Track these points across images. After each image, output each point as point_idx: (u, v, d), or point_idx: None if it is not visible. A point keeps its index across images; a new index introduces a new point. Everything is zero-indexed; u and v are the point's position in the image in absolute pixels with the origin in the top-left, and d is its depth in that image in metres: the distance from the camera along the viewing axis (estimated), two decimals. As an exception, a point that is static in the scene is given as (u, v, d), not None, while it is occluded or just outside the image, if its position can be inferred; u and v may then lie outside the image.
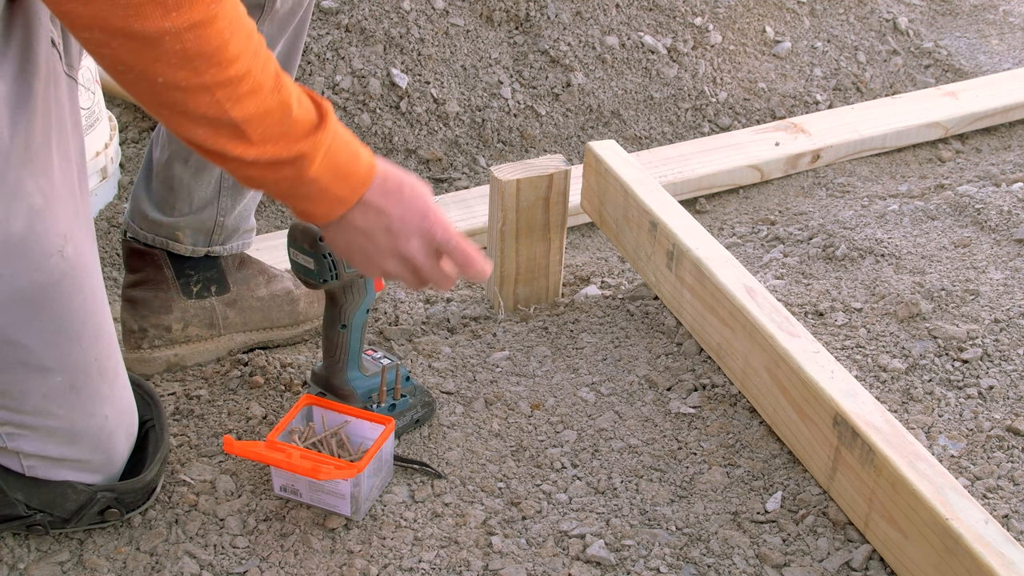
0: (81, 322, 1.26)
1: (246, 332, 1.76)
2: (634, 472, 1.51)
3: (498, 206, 1.82)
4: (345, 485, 1.38)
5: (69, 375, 1.27)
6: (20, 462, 1.32)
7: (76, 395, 1.29)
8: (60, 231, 1.20)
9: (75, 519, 1.36)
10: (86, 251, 1.26)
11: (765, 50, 2.86)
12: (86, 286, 1.26)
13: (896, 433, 1.32)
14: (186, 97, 1.06)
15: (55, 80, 1.22)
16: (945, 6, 3.37)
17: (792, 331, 1.48)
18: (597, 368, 1.72)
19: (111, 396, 1.34)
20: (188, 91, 1.05)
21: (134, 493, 1.38)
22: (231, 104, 1.07)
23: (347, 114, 2.45)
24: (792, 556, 1.36)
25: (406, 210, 1.23)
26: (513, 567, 1.35)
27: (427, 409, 1.60)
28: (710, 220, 2.37)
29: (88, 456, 1.34)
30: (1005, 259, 1.93)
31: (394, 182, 1.23)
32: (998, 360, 1.65)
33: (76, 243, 1.23)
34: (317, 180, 1.16)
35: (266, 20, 1.49)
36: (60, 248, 1.20)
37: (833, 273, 1.94)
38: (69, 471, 1.34)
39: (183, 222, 1.66)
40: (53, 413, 1.28)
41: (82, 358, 1.28)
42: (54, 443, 1.31)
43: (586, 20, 2.68)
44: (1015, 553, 1.16)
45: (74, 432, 1.31)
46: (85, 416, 1.31)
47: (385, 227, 1.23)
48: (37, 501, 1.33)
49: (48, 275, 1.20)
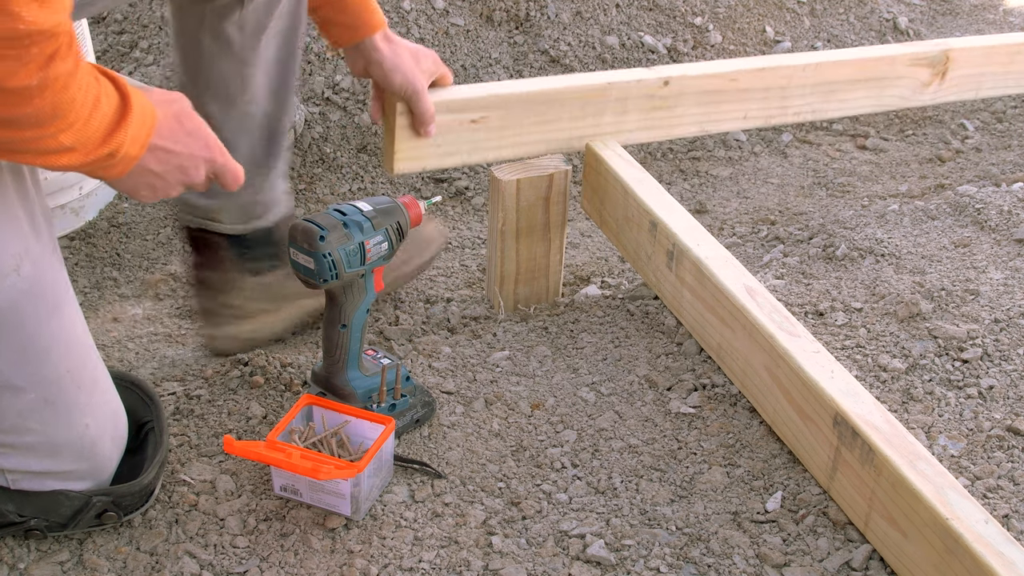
0: (48, 338, 1.25)
1: (314, 297, 1.79)
2: (634, 472, 1.51)
3: (498, 206, 1.82)
4: (345, 485, 1.38)
5: (41, 391, 1.26)
6: (4, 476, 1.32)
7: (52, 409, 1.28)
8: (12, 251, 1.19)
9: (72, 524, 1.35)
10: (45, 265, 1.24)
11: (765, 50, 2.86)
12: (49, 302, 1.25)
13: (896, 433, 1.32)
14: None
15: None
16: (945, 6, 3.37)
17: (792, 331, 1.48)
18: (597, 368, 1.72)
19: (91, 405, 1.33)
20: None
21: (131, 496, 1.38)
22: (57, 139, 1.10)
23: (347, 114, 2.45)
24: (792, 556, 1.36)
25: (191, 144, 1.29)
26: (513, 567, 1.35)
27: (427, 409, 1.60)
28: (710, 220, 2.37)
29: (72, 467, 1.33)
30: (1005, 259, 1.93)
31: (171, 118, 1.28)
32: (998, 360, 1.65)
33: (34, 259, 1.22)
34: (123, 155, 1.19)
35: (248, 6, 1.57)
36: (15, 267, 1.19)
37: (833, 273, 1.94)
38: (55, 482, 1.33)
39: (218, 204, 1.71)
40: (30, 429, 1.28)
41: (53, 373, 1.27)
42: (35, 458, 1.31)
43: (586, 20, 2.68)
44: (1015, 553, 1.16)
45: (54, 445, 1.31)
46: (64, 428, 1.30)
47: (177, 166, 1.28)
48: (29, 510, 1.33)
49: (4, 296, 1.19)
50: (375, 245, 1.48)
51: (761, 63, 2.06)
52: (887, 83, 2.20)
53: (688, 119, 2.01)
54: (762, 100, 2.07)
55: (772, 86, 2.06)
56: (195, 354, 1.86)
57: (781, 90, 2.08)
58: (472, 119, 1.80)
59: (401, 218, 1.53)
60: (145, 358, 1.86)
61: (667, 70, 1.96)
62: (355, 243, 1.45)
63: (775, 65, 2.05)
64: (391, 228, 1.50)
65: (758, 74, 2.03)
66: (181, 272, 2.12)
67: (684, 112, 1.99)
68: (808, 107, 2.13)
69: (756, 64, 2.05)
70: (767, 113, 2.09)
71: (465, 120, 1.79)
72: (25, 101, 1.03)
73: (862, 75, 2.16)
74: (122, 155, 1.18)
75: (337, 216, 1.46)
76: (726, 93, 2.02)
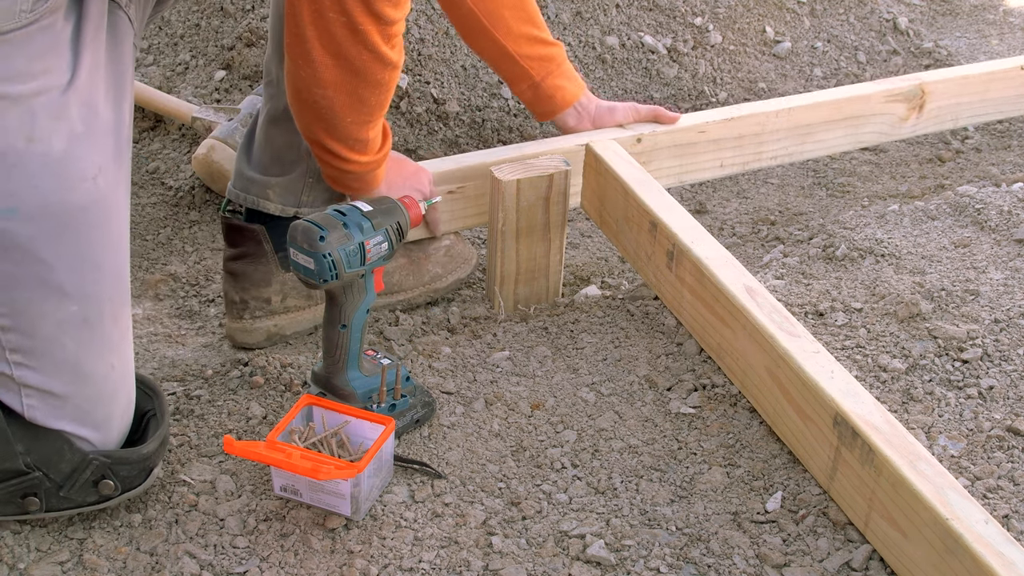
0: (102, 254, 1.31)
1: None
2: (634, 472, 1.51)
3: (498, 206, 1.82)
4: (345, 485, 1.38)
5: (83, 306, 1.30)
6: (22, 399, 1.32)
7: (88, 330, 1.32)
8: (96, 161, 1.28)
9: (68, 484, 1.35)
10: (119, 189, 1.33)
11: (765, 50, 2.87)
12: (113, 221, 1.32)
13: (896, 433, 1.32)
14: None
15: (116, 33, 1.33)
16: (945, 6, 3.37)
17: (792, 331, 1.48)
18: (597, 368, 1.72)
19: (120, 348, 1.37)
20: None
21: (130, 465, 1.38)
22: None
23: (347, 114, 2.45)
24: (792, 556, 1.36)
25: (411, 180, 1.79)
26: (513, 567, 1.35)
27: (427, 409, 1.60)
28: (710, 220, 2.37)
29: (89, 404, 1.35)
30: (1005, 259, 1.93)
31: (395, 160, 1.77)
32: (998, 360, 1.65)
33: (109, 177, 1.30)
34: (378, 175, 1.69)
35: None
36: (94, 176, 1.28)
37: (833, 273, 1.94)
38: (68, 420, 1.34)
39: (275, 181, 1.76)
40: (64, 343, 1.31)
41: (98, 292, 1.32)
42: (59, 379, 1.32)
43: (586, 20, 2.68)
44: (1015, 553, 1.16)
45: (80, 371, 1.33)
46: (93, 357, 1.34)
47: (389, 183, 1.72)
48: (36, 455, 1.34)
49: (79, 197, 1.27)
50: (375, 245, 1.48)
51: (730, 112, 2.09)
52: (863, 121, 2.23)
53: (665, 172, 2.05)
54: (735, 148, 2.10)
55: (745, 134, 2.10)
56: (195, 354, 1.86)
57: (755, 136, 2.11)
58: (450, 190, 1.89)
59: (401, 218, 1.53)
60: (145, 358, 1.86)
61: (639, 128, 2.01)
62: (355, 243, 1.45)
63: (745, 114, 2.09)
64: (391, 228, 1.50)
65: (727, 124, 2.07)
66: (181, 272, 2.12)
67: (660, 166, 2.04)
68: (784, 150, 2.17)
69: (725, 114, 2.08)
70: (743, 159, 2.12)
71: (443, 191, 1.88)
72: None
73: (837, 115, 2.19)
74: (384, 166, 1.68)
75: (337, 216, 1.46)
76: (699, 144, 2.07)
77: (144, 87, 2.49)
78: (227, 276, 1.82)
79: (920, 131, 2.33)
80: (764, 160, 2.16)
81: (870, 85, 2.26)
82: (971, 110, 2.39)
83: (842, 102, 2.19)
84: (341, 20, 1.44)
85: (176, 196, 2.36)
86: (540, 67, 1.93)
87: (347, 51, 1.48)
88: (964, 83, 2.33)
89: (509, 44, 1.90)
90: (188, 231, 2.27)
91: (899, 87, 2.25)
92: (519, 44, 1.90)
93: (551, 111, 1.99)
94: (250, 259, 1.81)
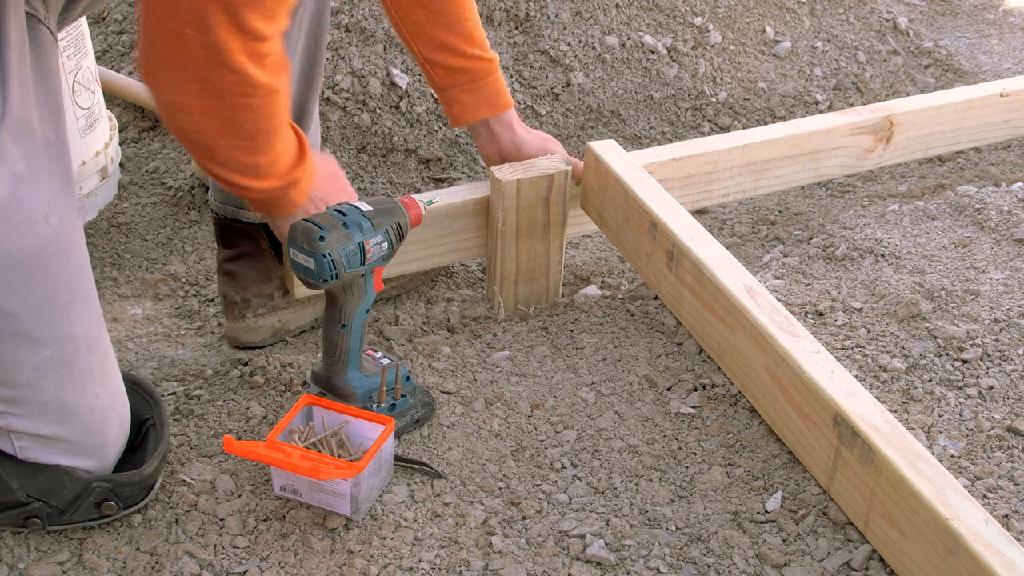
0: (69, 292, 1.28)
1: None
2: (634, 472, 1.51)
3: (498, 206, 1.82)
4: (345, 485, 1.38)
5: (58, 348, 1.28)
6: (12, 443, 1.32)
7: (66, 370, 1.30)
8: (44, 199, 1.23)
9: (71, 509, 1.35)
10: (72, 223, 1.28)
11: (765, 50, 2.87)
12: (72, 257, 1.28)
13: (896, 433, 1.32)
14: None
15: (39, 50, 1.27)
16: (945, 6, 3.37)
17: (792, 331, 1.48)
18: (597, 368, 1.72)
19: (102, 375, 1.35)
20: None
21: (132, 486, 1.38)
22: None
23: (347, 114, 2.45)
24: (792, 556, 1.36)
25: (340, 196, 1.61)
26: (513, 567, 1.35)
27: (427, 409, 1.60)
28: (710, 220, 2.38)
29: (80, 437, 1.34)
30: (1005, 259, 1.93)
31: (326, 176, 1.61)
32: (998, 360, 1.65)
33: (60, 210, 1.25)
34: (292, 197, 1.51)
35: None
36: (45, 215, 1.23)
37: (833, 273, 1.94)
38: (62, 455, 1.34)
39: None
40: (44, 388, 1.29)
41: (70, 331, 1.29)
42: (45, 421, 1.31)
43: (586, 20, 2.68)
44: (1015, 553, 1.16)
45: (65, 409, 1.32)
46: (76, 393, 1.32)
47: (321, 198, 1.58)
48: (33, 488, 1.33)
49: (33, 241, 1.22)
50: (375, 245, 1.48)
51: (678, 151, 1.96)
52: (825, 155, 2.11)
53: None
54: (684, 188, 1.97)
55: (694, 173, 1.98)
56: (195, 354, 1.86)
57: (706, 175, 1.99)
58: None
59: (401, 218, 1.53)
60: (145, 358, 1.86)
61: None
62: (355, 243, 1.45)
63: (696, 152, 1.96)
64: (391, 228, 1.50)
65: (675, 164, 1.94)
66: (181, 272, 2.12)
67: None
68: (737, 187, 2.05)
69: (673, 154, 1.95)
70: (693, 199, 2.00)
71: None
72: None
73: (796, 151, 2.06)
74: (297, 189, 1.49)
75: (337, 216, 1.46)
76: (647, 183, 1.87)
77: (144, 87, 2.49)
78: (224, 277, 1.81)
79: (886, 162, 2.20)
80: (716, 198, 2.04)
81: (835, 116, 2.13)
82: (943, 139, 2.25)
83: (803, 137, 2.05)
84: (200, 40, 1.26)
85: (176, 196, 2.36)
86: (445, 76, 1.84)
87: (207, 73, 1.29)
88: (938, 113, 2.20)
89: (416, 44, 1.82)
90: (188, 231, 2.27)
91: (865, 119, 2.11)
92: (427, 48, 1.81)
93: (453, 121, 1.90)
94: (247, 259, 1.80)
